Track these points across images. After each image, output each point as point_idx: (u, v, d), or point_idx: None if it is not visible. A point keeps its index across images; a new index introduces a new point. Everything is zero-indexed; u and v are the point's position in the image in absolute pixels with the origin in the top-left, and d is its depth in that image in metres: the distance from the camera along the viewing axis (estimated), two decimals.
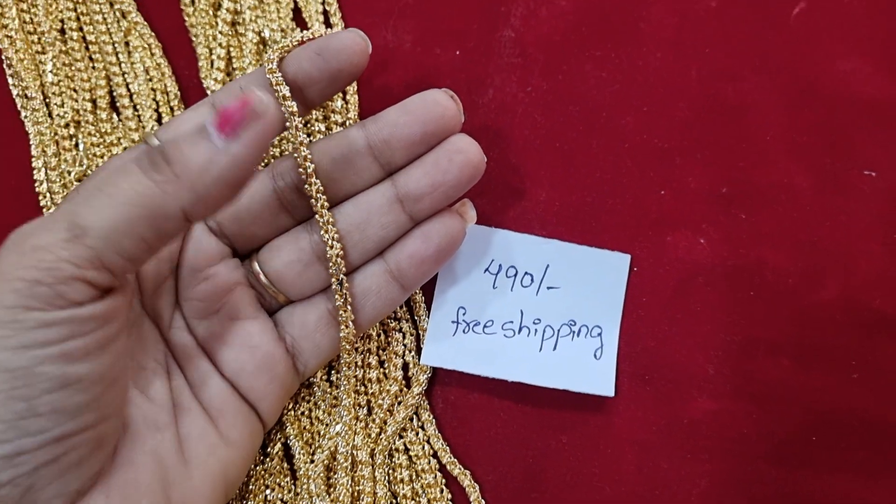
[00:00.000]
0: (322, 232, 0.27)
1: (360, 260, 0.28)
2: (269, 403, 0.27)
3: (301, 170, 0.27)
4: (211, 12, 0.33)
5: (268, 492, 0.30)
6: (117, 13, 0.34)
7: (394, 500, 0.30)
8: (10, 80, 0.33)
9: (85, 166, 0.32)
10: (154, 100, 0.33)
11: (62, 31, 0.34)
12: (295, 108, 0.26)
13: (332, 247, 0.27)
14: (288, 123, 0.26)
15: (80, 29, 0.34)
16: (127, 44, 0.33)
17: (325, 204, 0.27)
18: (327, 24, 0.34)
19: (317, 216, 0.27)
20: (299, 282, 0.28)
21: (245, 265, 0.28)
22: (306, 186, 0.27)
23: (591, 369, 0.30)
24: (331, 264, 0.27)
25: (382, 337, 0.31)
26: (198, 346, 0.27)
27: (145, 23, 0.34)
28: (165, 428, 0.25)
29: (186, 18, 0.34)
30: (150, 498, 0.24)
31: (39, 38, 0.33)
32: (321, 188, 0.27)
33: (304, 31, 0.27)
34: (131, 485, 0.23)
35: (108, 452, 0.23)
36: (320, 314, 0.28)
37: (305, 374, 0.29)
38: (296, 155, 0.27)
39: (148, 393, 0.25)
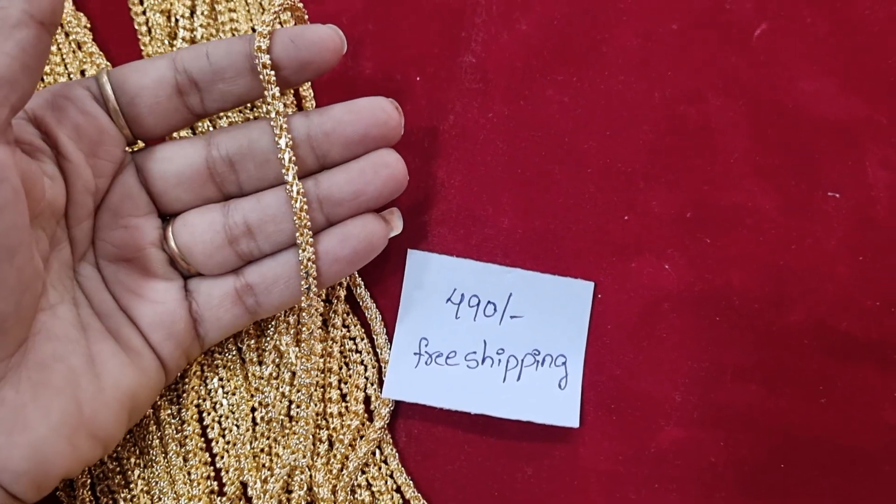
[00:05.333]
0: (299, 245, 0.27)
1: (270, 250, 0.28)
2: (166, 355, 0.27)
3: (276, 137, 0.27)
4: (167, 42, 0.33)
5: None
6: (72, 44, 0.33)
7: None
8: None
9: None
10: None
11: None
12: (277, 92, 0.27)
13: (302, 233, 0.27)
14: (268, 100, 0.27)
15: None
16: (83, 73, 0.33)
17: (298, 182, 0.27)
18: None
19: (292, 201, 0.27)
20: (209, 262, 0.28)
21: (163, 227, 0.28)
22: (280, 156, 0.27)
23: (555, 400, 0.29)
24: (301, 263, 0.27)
25: (344, 370, 0.31)
26: (103, 284, 0.27)
27: (101, 53, 0.33)
28: (76, 341, 0.25)
29: (143, 48, 0.33)
30: (61, 400, 0.24)
31: None
32: (293, 157, 0.27)
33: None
34: (42, 385, 0.24)
35: (11, 344, 0.23)
36: (226, 292, 0.28)
37: (206, 341, 0.29)
38: (272, 125, 0.27)
39: (56, 310, 0.25)
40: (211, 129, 0.32)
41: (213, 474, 0.30)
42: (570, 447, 0.30)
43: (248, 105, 0.33)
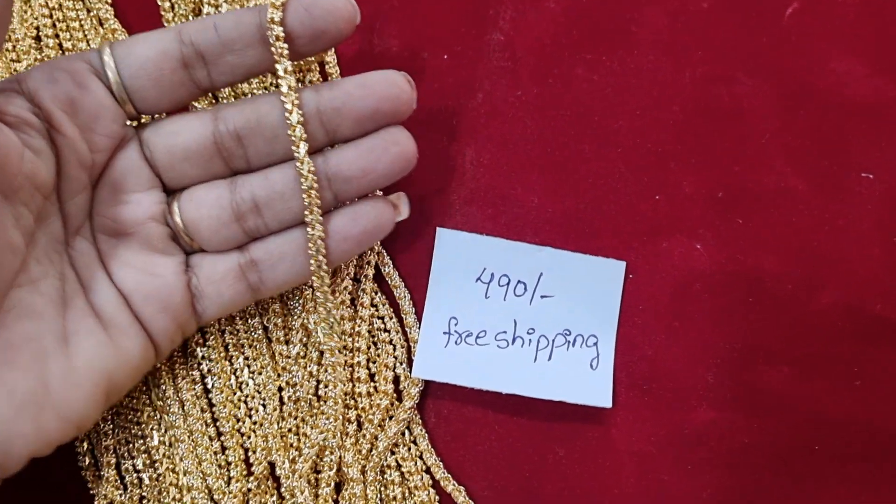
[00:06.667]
0: (309, 227, 0.27)
1: (277, 227, 0.28)
2: (159, 330, 0.27)
3: (287, 112, 0.26)
4: (191, 18, 0.32)
5: None
6: (94, 20, 0.33)
7: None
8: None
9: None
10: None
11: (37, 39, 0.32)
12: (289, 66, 0.26)
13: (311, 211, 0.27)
14: (280, 73, 0.26)
15: (57, 36, 0.32)
16: None
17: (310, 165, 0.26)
18: None
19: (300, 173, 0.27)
20: (215, 238, 0.27)
21: (168, 202, 0.28)
22: (290, 132, 0.26)
23: (587, 380, 0.29)
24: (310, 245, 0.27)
25: (372, 349, 0.30)
26: (98, 258, 0.27)
27: (123, 29, 0.33)
28: (51, 319, 0.25)
29: (166, 24, 0.33)
30: (27, 380, 0.24)
31: (14, 46, 0.32)
32: (304, 135, 0.26)
33: None
34: (8, 364, 0.23)
35: None
36: (229, 267, 0.28)
37: (203, 318, 0.28)
38: (283, 100, 0.26)
39: (37, 285, 0.25)
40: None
41: (243, 455, 0.29)
42: (602, 428, 0.29)
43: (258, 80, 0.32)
